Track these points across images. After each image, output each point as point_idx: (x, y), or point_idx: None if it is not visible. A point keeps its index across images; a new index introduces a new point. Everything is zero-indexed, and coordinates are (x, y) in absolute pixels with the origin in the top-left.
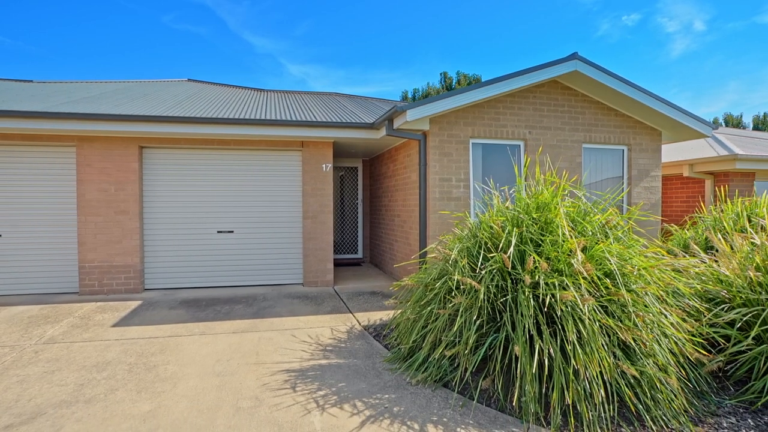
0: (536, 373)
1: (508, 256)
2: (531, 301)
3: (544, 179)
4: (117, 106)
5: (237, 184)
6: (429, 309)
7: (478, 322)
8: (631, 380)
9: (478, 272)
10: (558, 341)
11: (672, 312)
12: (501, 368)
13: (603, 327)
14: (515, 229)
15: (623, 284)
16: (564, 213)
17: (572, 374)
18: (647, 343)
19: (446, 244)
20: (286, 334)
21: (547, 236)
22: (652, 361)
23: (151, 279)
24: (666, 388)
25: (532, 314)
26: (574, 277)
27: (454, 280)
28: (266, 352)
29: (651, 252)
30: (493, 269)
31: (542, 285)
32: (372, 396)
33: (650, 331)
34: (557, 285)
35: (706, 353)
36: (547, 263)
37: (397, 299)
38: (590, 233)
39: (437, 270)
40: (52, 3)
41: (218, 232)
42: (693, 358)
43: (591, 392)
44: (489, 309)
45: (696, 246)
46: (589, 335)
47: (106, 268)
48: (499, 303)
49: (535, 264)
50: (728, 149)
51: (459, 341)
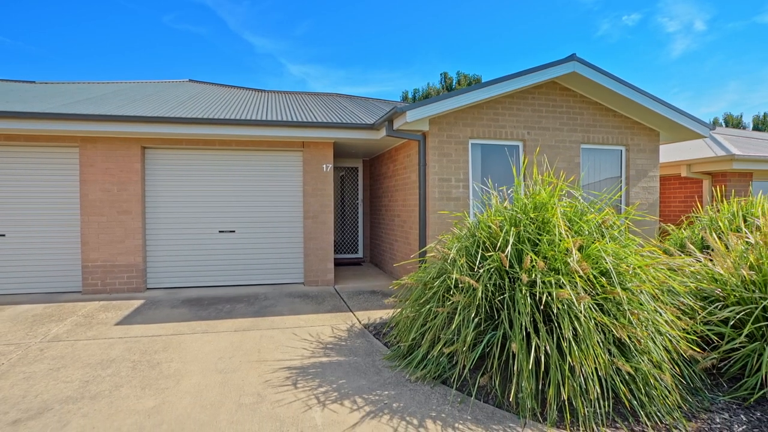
0: (533, 370)
1: (506, 255)
2: (528, 299)
3: (542, 179)
4: (120, 107)
5: (238, 184)
6: (428, 307)
7: (476, 320)
8: (626, 377)
9: (477, 271)
10: (554, 338)
11: (666, 310)
12: (498, 365)
13: (598, 324)
14: (513, 229)
15: (618, 283)
16: (561, 213)
17: (568, 371)
18: (642, 341)
19: (445, 244)
20: (288, 333)
21: (545, 235)
22: (647, 358)
23: (154, 278)
24: (660, 385)
25: (529, 312)
26: (571, 276)
27: (453, 279)
28: (268, 350)
29: (647, 251)
30: (491, 268)
31: (539, 283)
32: (372, 392)
33: (645, 329)
34: (554, 283)
35: (700, 351)
36: (544, 262)
37: (397, 298)
38: (587, 233)
39: (436, 269)
40: (52, 3)
41: (220, 232)
42: (687, 356)
43: (587, 388)
44: (487, 307)
45: (692, 245)
46: (585, 332)
47: (109, 268)
48: (497, 301)
49: (532, 263)
50: (725, 149)
51: (457, 339)
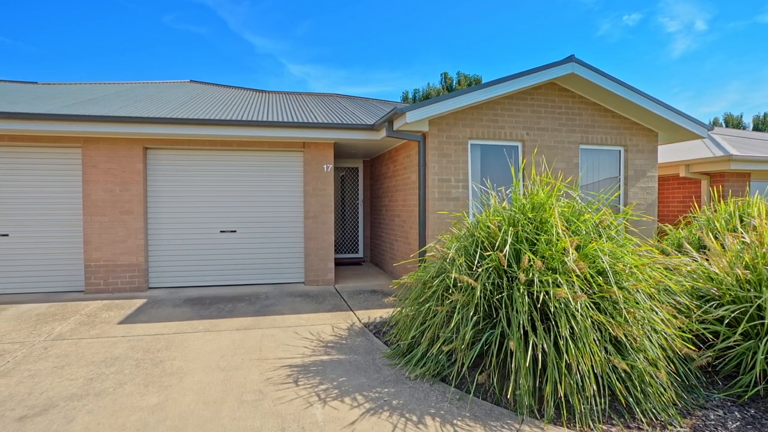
0: (530, 368)
1: (504, 255)
2: (526, 298)
3: (540, 180)
4: (122, 108)
5: (239, 185)
6: (427, 306)
7: (475, 319)
8: (622, 374)
9: (475, 270)
10: (551, 337)
11: (662, 309)
12: (497, 363)
13: (595, 323)
14: (511, 229)
15: (615, 282)
16: (558, 213)
17: (565, 368)
18: (638, 339)
19: (444, 244)
20: (289, 331)
21: (542, 235)
22: (643, 356)
23: (156, 278)
24: (656, 382)
25: (527, 311)
26: (568, 275)
27: (452, 278)
28: (269, 348)
29: (643, 251)
30: (490, 267)
31: (536, 282)
32: (372, 390)
33: (641, 327)
34: (551, 282)
35: (696, 349)
36: (542, 261)
37: (397, 297)
38: (584, 232)
39: (435, 268)
40: (52, 3)
41: (221, 232)
42: (682, 354)
43: (583, 386)
44: (485, 306)
45: (689, 245)
46: (582, 331)
47: (112, 267)
48: (495, 300)
49: (530, 262)
50: (724, 150)
51: (456, 337)
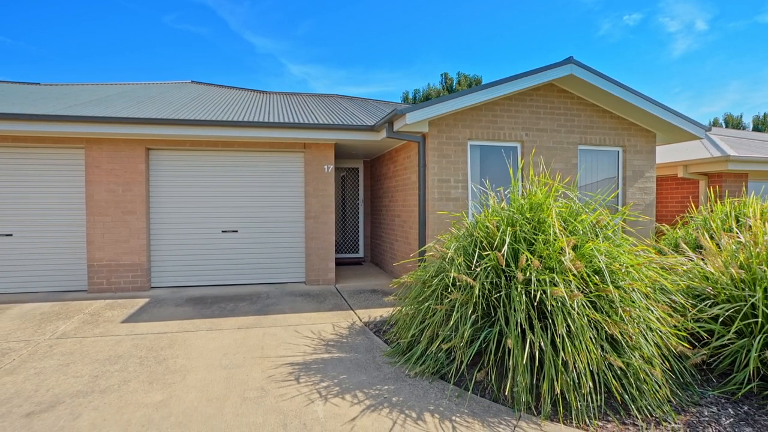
0: (528, 365)
1: (502, 254)
2: (523, 297)
3: (538, 181)
4: (124, 109)
5: (241, 185)
6: (427, 305)
7: (473, 317)
8: (618, 372)
9: (474, 269)
10: (548, 335)
11: (658, 307)
12: (495, 361)
13: (591, 321)
14: (509, 229)
15: (611, 281)
16: (556, 213)
17: (562, 366)
18: (633, 337)
19: (444, 243)
20: (290, 330)
21: (540, 235)
22: (638, 354)
23: (158, 277)
24: (651, 379)
25: (524, 309)
26: (565, 274)
27: (451, 278)
28: (271, 347)
29: (640, 250)
30: (488, 267)
31: (534, 281)
32: (372, 387)
33: (636, 326)
34: (548, 281)
35: (691, 347)
36: (539, 261)
37: (397, 296)
38: (581, 232)
39: (435, 268)
40: (52, 3)
41: (223, 232)
42: (677, 352)
43: (579, 383)
44: (484, 305)
45: (685, 245)
46: (578, 329)
47: (114, 267)
48: (494, 299)
49: (528, 262)
50: (721, 150)
51: (455, 335)
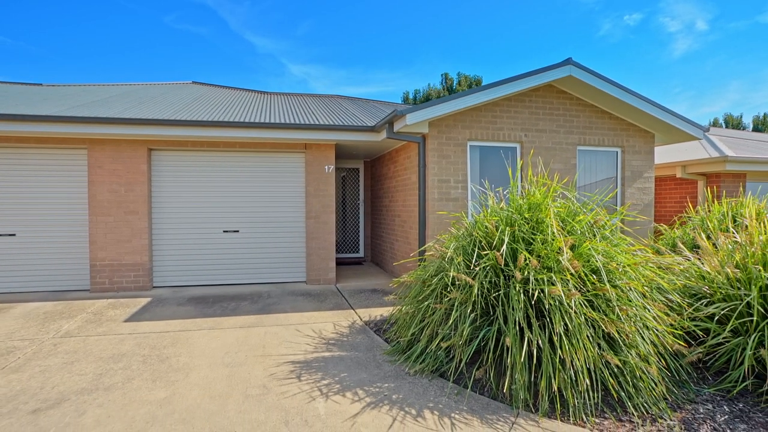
0: (526, 363)
1: (501, 254)
2: (521, 296)
3: (537, 181)
4: (127, 110)
5: (242, 185)
6: (426, 304)
7: (472, 316)
8: (615, 370)
9: (473, 269)
10: (546, 333)
11: (654, 306)
12: (493, 359)
13: (588, 320)
14: (508, 229)
15: (608, 280)
16: (554, 213)
17: (559, 364)
18: (630, 335)
19: (443, 243)
20: (291, 329)
21: (538, 235)
22: (635, 352)
23: (160, 277)
24: (647, 377)
25: (523, 308)
26: (562, 274)
27: (450, 277)
28: (272, 345)
29: (637, 250)
30: (487, 266)
31: (532, 281)
32: (372, 385)
33: (633, 324)
34: (546, 281)
35: (687, 345)
36: (538, 260)
37: (397, 295)
38: (579, 232)
39: (434, 267)
40: (52, 3)
41: (224, 232)
42: (674, 350)
43: (577, 380)
44: (482, 303)
45: (682, 245)
46: (575, 327)
47: (117, 267)
48: (492, 298)
49: (526, 261)
50: (719, 151)
51: (454, 334)
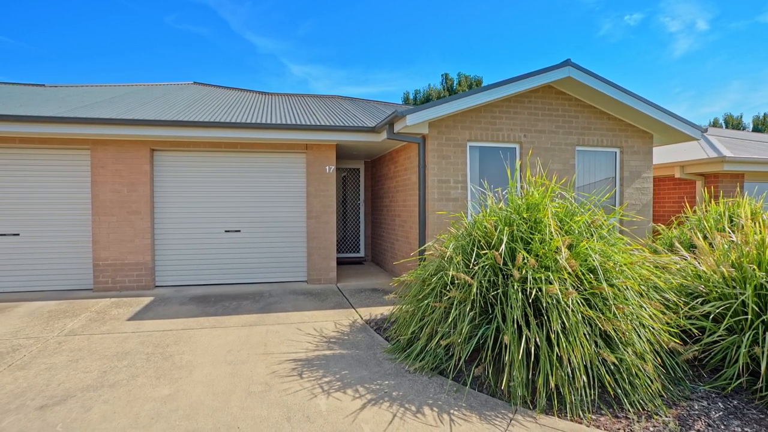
0: (524, 361)
1: (500, 253)
2: (520, 295)
3: (535, 181)
4: (129, 110)
5: (243, 185)
6: (426, 302)
7: (471, 314)
8: (611, 367)
9: (472, 268)
10: (544, 331)
11: (650, 305)
12: (492, 357)
13: (585, 318)
14: (507, 228)
15: (605, 279)
16: (552, 213)
17: (557, 361)
18: (626, 333)
19: (443, 243)
20: (292, 328)
21: (536, 235)
22: (631, 350)
23: (162, 276)
24: (643, 374)
25: (521, 306)
26: (560, 273)
27: (449, 276)
28: (274, 344)
29: (634, 249)
30: (486, 265)
31: (530, 279)
32: (373, 382)
33: (629, 322)
34: (544, 280)
35: (683, 343)
36: (536, 260)
37: (397, 294)
38: (576, 232)
39: (434, 266)
40: (52, 3)
41: (226, 232)
42: (669, 348)
43: (574, 378)
44: (481, 302)
45: (679, 245)
46: (573, 325)
47: (119, 266)
48: (491, 296)
49: (524, 260)
50: (717, 151)
51: (453, 332)
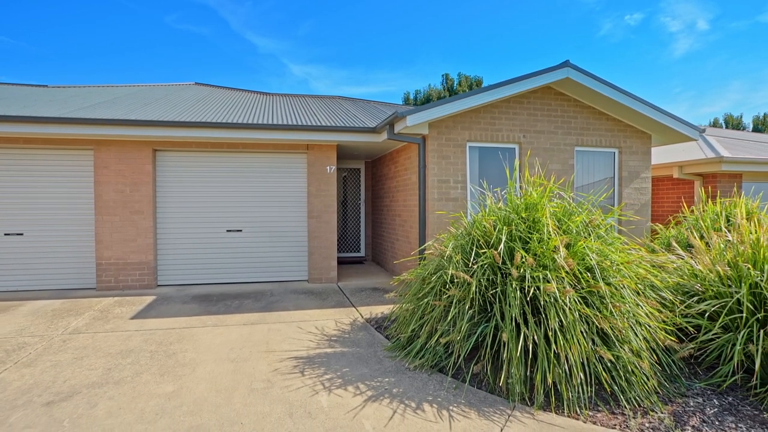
0: (522, 358)
1: (498, 252)
2: (518, 293)
3: (534, 181)
4: (132, 111)
5: (245, 185)
6: (426, 301)
7: (470, 313)
8: (608, 364)
9: (471, 267)
10: (542, 329)
11: (647, 303)
12: (491, 354)
13: (582, 316)
14: (505, 228)
15: (602, 278)
16: (550, 213)
17: (554, 359)
18: (623, 331)
19: (443, 242)
20: (293, 326)
21: (535, 234)
22: (627, 347)
23: (164, 275)
24: (639, 372)
25: (519, 305)
26: (558, 271)
27: (449, 275)
28: (275, 342)
29: (631, 248)
30: (485, 264)
31: (528, 278)
32: (374, 379)
33: (626, 320)
34: (542, 278)
35: (679, 341)
36: (534, 259)
37: (397, 293)
38: (574, 231)
39: (434, 265)
40: (52, 3)
41: (227, 231)
42: (665, 345)
43: (571, 375)
44: (480, 300)
45: (676, 244)
46: (570, 323)
47: (122, 265)
48: (490, 295)
49: (523, 259)
50: (715, 151)
51: (453, 330)
